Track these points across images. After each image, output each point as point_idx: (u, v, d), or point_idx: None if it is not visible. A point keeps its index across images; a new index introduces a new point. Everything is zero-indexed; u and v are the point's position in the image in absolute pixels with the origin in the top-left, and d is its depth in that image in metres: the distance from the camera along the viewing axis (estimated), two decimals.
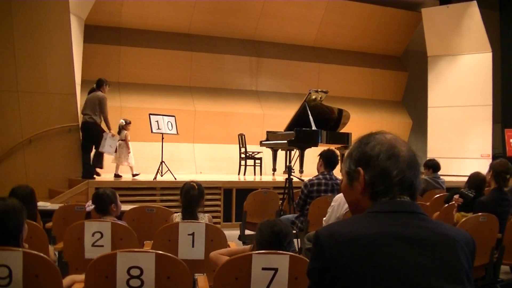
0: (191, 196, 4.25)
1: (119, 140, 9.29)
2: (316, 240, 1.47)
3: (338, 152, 10.69)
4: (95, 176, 9.04)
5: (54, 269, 2.74)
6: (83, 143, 9.12)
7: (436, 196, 6.83)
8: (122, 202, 7.73)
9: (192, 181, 4.41)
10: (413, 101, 16.23)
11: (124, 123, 9.65)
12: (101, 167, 9.28)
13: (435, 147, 14.09)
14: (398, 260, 1.39)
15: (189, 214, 4.24)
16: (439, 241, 1.45)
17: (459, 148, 13.86)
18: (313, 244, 1.49)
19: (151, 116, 9.61)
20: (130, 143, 9.59)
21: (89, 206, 4.24)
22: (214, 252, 3.34)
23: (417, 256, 1.41)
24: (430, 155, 13.50)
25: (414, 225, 1.46)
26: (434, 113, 14.41)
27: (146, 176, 9.71)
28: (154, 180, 9.09)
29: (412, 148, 1.58)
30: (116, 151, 9.25)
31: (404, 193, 1.52)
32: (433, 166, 7.86)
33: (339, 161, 6.23)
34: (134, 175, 9.57)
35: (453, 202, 5.31)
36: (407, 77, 16.44)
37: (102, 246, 3.76)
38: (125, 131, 9.58)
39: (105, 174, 10.39)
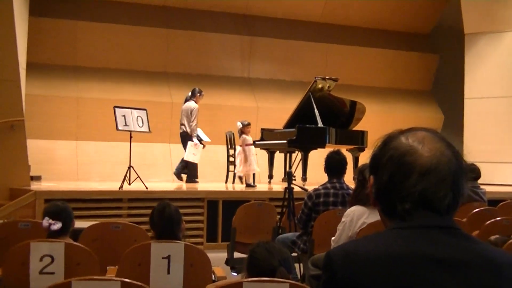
0: (169, 215, 4.13)
1: (239, 145, 10.63)
2: (328, 262, 1.50)
3: (350, 155, 10.64)
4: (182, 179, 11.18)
5: None
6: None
7: (475, 210, 6.84)
8: (80, 217, 7.74)
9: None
10: (446, 91, 16.27)
11: (241, 125, 10.79)
12: (191, 177, 11.24)
13: (474, 148, 14.10)
14: (427, 285, 1.42)
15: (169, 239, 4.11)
16: (478, 264, 1.46)
17: (503, 150, 13.88)
18: (324, 266, 1.52)
19: (116, 109, 9.60)
20: (251, 148, 10.78)
21: (53, 224, 4.16)
22: (210, 285, 3.36)
23: (451, 282, 1.43)
24: (468, 159, 13.48)
25: (447, 243, 1.48)
26: (472, 105, 14.43)
27: (111, 184, 9.69)
28: (120, 189, 9.07)
29: (452, 151, 1.61)
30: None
31: (418, 211, 1.54)
32: (471, 173, 7.89)
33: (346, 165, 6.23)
34: (247, 185, 10.39)
35: None
36: (437, 60, 16.48)
37: (53, 273, 3.75)
38: (244, 135, 10.64)
39: (58, 183, 10.36)
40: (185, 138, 11.16)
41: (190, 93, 11.46)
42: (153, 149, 12.90)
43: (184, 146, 11.17)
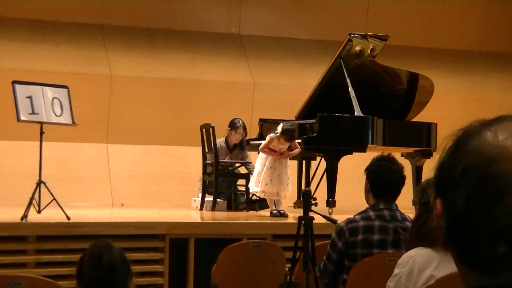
0: (109, 265, 4.14)
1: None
2: None
3: (409, 163, 10.63)
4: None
5: None
6: None
7: None
8: None
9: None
10: None
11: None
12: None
13: None
14: None
15: None
16: None
17: None
18: None
19: (16, 86, 9.57)
20: None
21: None
22: None
23: None
24: None
25: None
26: None
27: (8, 212, 9.68)
28: (24, 221, 9.04)
29: None
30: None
31: None
32: None
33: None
34: (273, 213, 10.76)
35: None
36: None
37: None
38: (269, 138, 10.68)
39: None
40: None
41: None
42: (81, 152, 12.93)
43: None
